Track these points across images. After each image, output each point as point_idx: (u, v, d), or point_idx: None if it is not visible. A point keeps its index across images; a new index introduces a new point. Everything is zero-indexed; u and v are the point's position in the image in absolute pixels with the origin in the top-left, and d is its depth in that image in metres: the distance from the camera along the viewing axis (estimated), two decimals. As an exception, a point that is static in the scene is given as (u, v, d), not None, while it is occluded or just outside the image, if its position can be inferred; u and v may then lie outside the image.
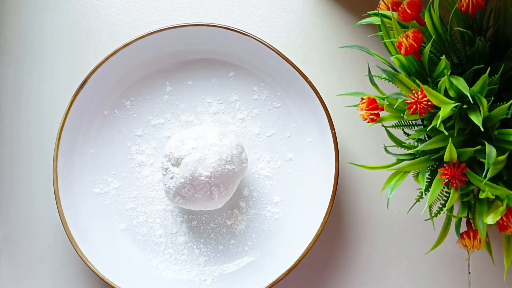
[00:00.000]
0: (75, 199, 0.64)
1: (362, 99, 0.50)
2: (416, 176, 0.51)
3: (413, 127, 0.53)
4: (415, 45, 0.47)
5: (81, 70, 0.67)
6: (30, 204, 0.67)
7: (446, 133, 0.45)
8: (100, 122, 0.67)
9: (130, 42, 0.64)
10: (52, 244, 0.67)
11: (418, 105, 0.45)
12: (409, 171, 0.49)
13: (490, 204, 0.47)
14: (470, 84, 0.47)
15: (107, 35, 0.69)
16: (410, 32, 0.47)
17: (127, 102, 0.67)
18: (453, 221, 0.50)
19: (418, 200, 0.52)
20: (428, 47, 0.47)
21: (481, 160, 0.46)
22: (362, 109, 0.50)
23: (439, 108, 0.46)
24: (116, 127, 0.67)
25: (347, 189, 0.66)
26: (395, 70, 0.50)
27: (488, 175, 0.44)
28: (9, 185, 0.67)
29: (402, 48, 0.48)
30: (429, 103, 0.45)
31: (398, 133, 0.53)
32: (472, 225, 0.50)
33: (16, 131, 0.68)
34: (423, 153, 0.50)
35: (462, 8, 0.48)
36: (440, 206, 0.51)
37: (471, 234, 0.48)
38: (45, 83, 0.68)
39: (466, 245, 0.48)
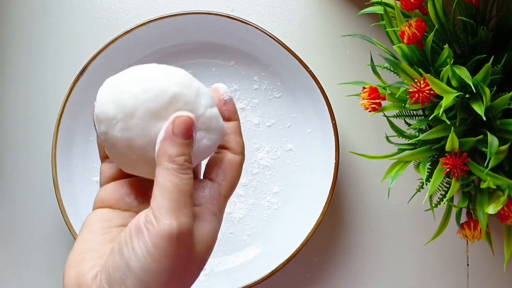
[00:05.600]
0: (74, 187, 0.64)
1: (364, 88, 0.50)
2: (417, 166, 0.50)
3: (414, 117, 0.53)
4: (418, 34, 0.47)
5: (80, 58, 0.66)
6: (28, 191, 0.67)
7: (449, 122, 0.45)
8: (99, 110, 0.66)
9: (130, 29, 0.63)
10: (50, 232, 0.66)
11: (421, 94, 0.45)
12: (410, 161, 0.49)
13: (491, 194, 0.47)
14: (472, 74, 0.47)
15: (107, 22, 0.68)
16: (413, 21, 0.47)
17: (127, 90, 0.66)
18: (453, 212, 0.50)
19: (418, 190, 0.51)
20: (430, 36, 0.47)
21: (482, 150, 0.46)
22: (363, 98, 0.49)
23: (441, 98, 0.45)
24: (115, 115, 0.66)
25: (346, 180, 0.66)
26: (397, 60, 0.49)
27: (490, 165, 0.44)
28: (8, 172, 0.67)
29: (405, 37, 0.47)
30: (432, 92, 0.45)
31: (399, 124, 0.53)
32: (473, 215, 0.50)
33: (15, 118, 0.67)
34: (424, 143, 0.50)
35: (466, -3, 0.48)
36: (441, 196, 0.51)
37: (472, 225, 0.48)
38: (44, 70, 0.68)
39: (466, 235, 0.48)
